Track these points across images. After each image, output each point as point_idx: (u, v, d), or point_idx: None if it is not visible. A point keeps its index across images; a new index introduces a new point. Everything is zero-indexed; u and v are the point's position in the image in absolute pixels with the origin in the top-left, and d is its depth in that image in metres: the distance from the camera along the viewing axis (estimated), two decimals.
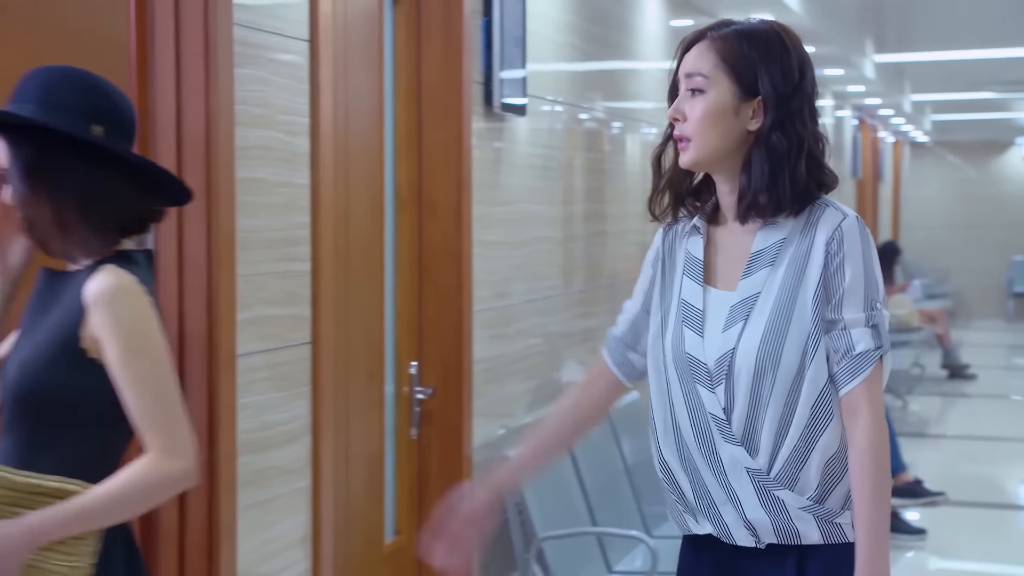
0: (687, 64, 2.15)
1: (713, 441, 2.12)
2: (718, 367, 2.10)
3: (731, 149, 2.13)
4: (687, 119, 2.13)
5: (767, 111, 2.11)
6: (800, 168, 2.11)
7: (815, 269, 2.09)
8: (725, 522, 2.14)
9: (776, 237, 2.12)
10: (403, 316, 3.70)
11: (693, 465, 2.16)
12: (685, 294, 2.18)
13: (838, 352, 2.09)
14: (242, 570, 2.69)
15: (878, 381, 2.10)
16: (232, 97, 2.60)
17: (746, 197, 2.12)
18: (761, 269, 2.12)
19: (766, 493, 2.10)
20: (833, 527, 2.12)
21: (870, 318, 2.09)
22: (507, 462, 2.39)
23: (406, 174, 3.70)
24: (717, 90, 2.11)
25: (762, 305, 2.10)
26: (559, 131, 4.68)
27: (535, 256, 4.43)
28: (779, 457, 2.09)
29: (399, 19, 3.65)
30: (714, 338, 2.12)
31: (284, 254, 2.87)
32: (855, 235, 2.10)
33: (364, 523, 3.40)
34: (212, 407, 2.57)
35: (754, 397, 2.09)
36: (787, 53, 2.13)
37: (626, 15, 5.52)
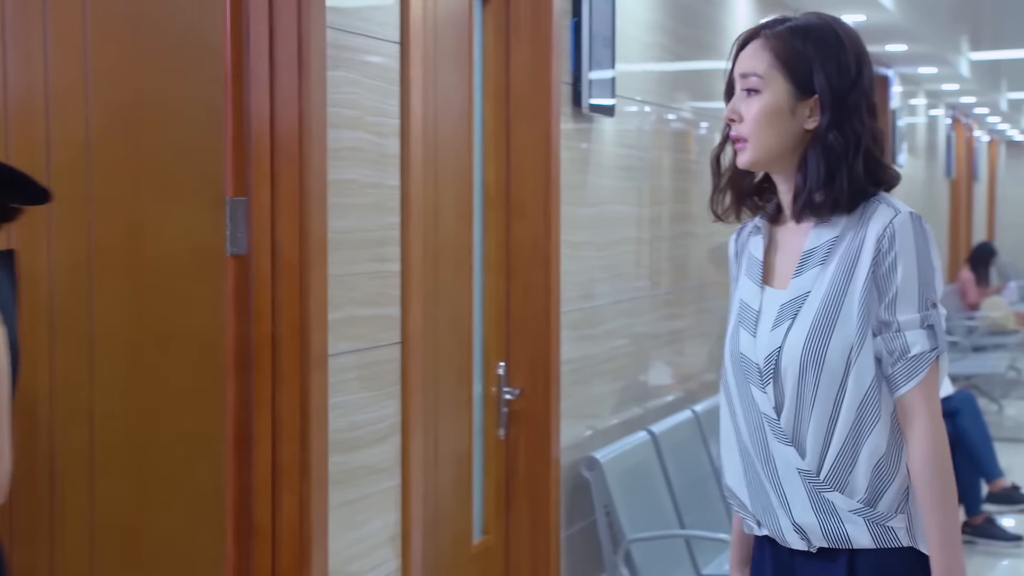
0: (742, 64, 2.13)
1: (767, 442, 2.11)
2: (767, 366, 2.10)
3: (788, 149, 2.11)
4: (743, 119, 2.12)
5: (823, 109, 2.08)
6: (858, 166, 2.08)
7: (864, 267, 2.05)
8: (780, 525, 2.13)
9: (828, 235, 2.09)
10: (491, 316, 3.70)
11: (752, 467, 2.15)
12: (744, 295, 2.18)
13: (893, 354, 2.06)
14: (333, 568, 2.71)
15: (934, 383, 2.07)
16: (324, 99, 2.62)
17: (802, 196, 2.10)
18: (812, 268, 2.10)
19: (816, 495, 2.08)
20: (885, 531, 2.08)
21: (925, 319, 2.05)
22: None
23: (494, 175, 3.71)
24: (772, 90, 2.09)
25: (810, 304, 2.08)
26: (647, 132, 4.66)
27: (622, 257, 4.41)
28: (827, 458, 2.07)
29: (488, 20, 3.66)
30: (764, 337, 2.11)
31: (374, 255, 2.89)
32: (908, 232, 2.05)
33: (452, 523, 3.42)
34: (304, 407, 2.59)
35: (799, 396, 2.07)
36: (843, 48, 2.10)
37: (715, 14, 5.48)
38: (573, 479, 3.97)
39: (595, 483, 3.94)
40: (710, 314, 5.41)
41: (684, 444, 4.64)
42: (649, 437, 4.37)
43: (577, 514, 4.02)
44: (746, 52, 2.14)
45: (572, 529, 3.99)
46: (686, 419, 4.77)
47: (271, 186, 2.58)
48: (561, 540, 3.88)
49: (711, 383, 5.39)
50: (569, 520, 3.97)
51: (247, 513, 2.60)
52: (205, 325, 2.48)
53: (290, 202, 2.57)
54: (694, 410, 4.87)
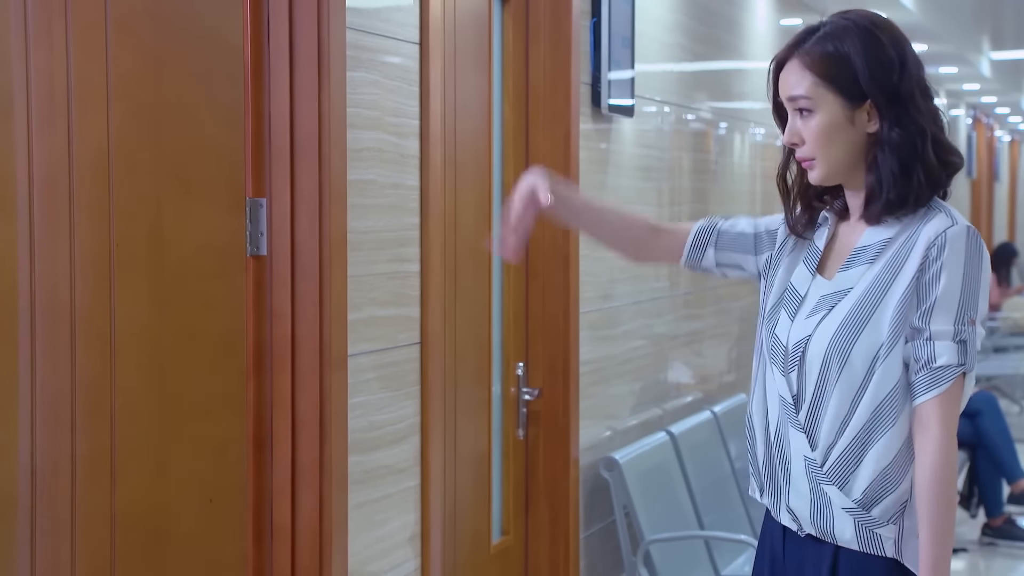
0: (785, 88, 2.12)
1: (787, 423, 2.14)
2: (794, 352, 2.12)
3: (857, 156, 2.11)
4: (804, 141, 2.11)
5: (880, 111, 2.07)
6: (928, 156, 2.07)
7: (909, 273, 2.05)
8: (779, 500, 2.17)
9: (882, 236, 2.09)
10: (510, 317, 3.70)
11: (769, 441, 2.18)
12: (795, 279, 2.19)
13: (918, 362, 2.04)
14: (353, 568, 2.72)
15: (955, 399, 2.04)
16: (344, 100, 2.63)
17: (879, 198, 2.08)
18: (860, 265, 2.10)
19: (815, 485, 2.10)
20: (872, 536, 2.07)
21: (959, 333, 2.03)
22: (570, 186, 2.32)
23: (513, 175, 3.70)
24: (824, 108, 2.08)
25: (848, 299, 2.08)
26: (666, 132, 4.65)
27: None
28: (832, 452, 2.08)
29: (507, 20, 3.66)
30: (799, 324, 2.13)
31: (394, 255, 2.90)
32: (960, 244, 2.03)
33: (471, 523, 3.42)
34: (323, 407, 2.60)
35: (819, 388, 2.08)
36: (879, 43, 2.07)
37: (735, 14, 5.46)
38: (592, 480, 3.96)
39: (614, 484, 3.93)
40: (729, 315, 5.40)
41: (703, 445, 4.63)
42: (668, 438, 4.36)
43: (596, 515, 4.02)
44: (785, 76, 2.12)
45: (591, 530, 3.99)
46: (705, 420, 4.76)
47: (291, 187, 2.59)
48: (580, 541, 3.88)
49: (730, 384, 5.37)
50: (588, 521, 3.96)
51: (267, 513, 2.61)
52: (225, 325, 2.49)
53: (310, 203, 2.58)
54: (713, 411, 4.86)
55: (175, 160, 2.32)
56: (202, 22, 2.38)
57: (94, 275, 2.16)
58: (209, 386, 2.43)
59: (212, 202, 2.42)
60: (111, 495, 2.20)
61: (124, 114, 2.19)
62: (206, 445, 2.42)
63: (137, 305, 2.24)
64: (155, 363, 2.28)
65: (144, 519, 2.27)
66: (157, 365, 2.29)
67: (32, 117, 2.05)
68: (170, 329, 2.31)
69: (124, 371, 2.21)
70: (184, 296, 2.34)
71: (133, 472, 2.24)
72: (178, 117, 2.33)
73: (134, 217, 2.23)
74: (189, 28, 2.35)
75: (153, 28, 2.27)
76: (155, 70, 2.27)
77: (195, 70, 2.16)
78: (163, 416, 2.30)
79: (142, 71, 2.24)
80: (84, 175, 2.14)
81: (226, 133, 2.46)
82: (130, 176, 2.22)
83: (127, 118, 2.21)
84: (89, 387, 2.14)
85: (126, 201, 2.21)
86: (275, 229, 2.59)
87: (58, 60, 2.08)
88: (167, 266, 2.27)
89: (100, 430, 2.17)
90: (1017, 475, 6.26)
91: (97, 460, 2.17)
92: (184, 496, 2.37)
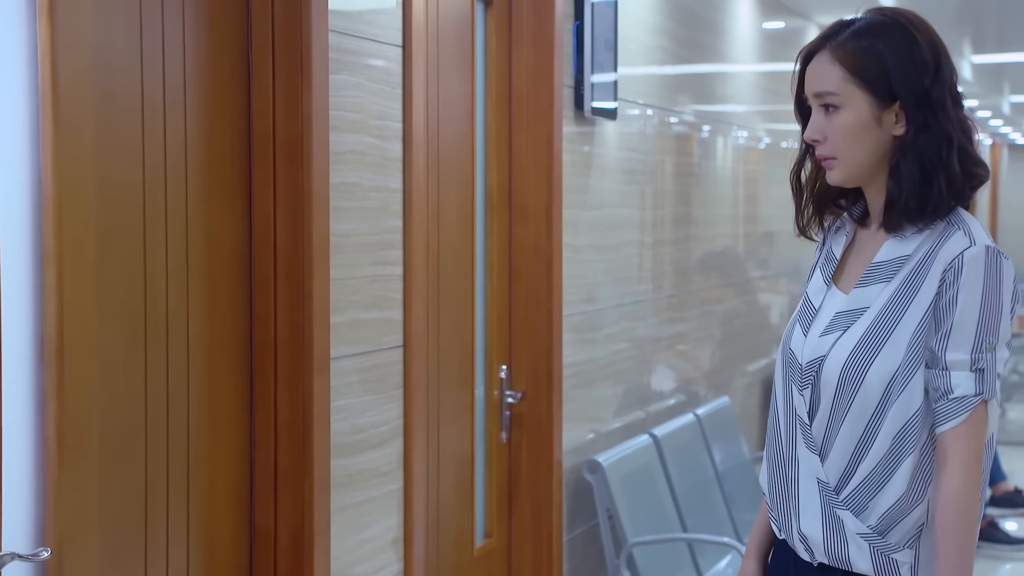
0: (813, 83, 2.03)
1: (795, 444, 2.07)
2: (808, 370, 2.05)
3: (879, 159, 2.03)
4: (827, 139, 2.03)
5: (908, 113, 1.99)
6: (953, 165, 1.99)
7: (927, 295, 1.97)
8: (792, 529, 2.09)
9: (900, 252, 2.01)
10: (493, 320, 3.70)
11: (779, 466, 2.11)
12: (811, 289, 2.13)
13: (937, 391, 1.98)
14: (335, 571, 2.71)
15: (978, 427, 1.96)
16: (327, 103, 2.62)
17: (898, 204, 2.00)
18: (876, 282, 2.02)
19: (829, 509, 2.03)
20: (888, 562, 2.01)
21: (976, 361, 1.95)
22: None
23: (496, 178, 3.71)
24: (852, 105, 2.00)
25: (864, 319, 2.01)
26: (649, 135, 4.66)
27: (624, 260, 4.41)
28: (853, 479, 2.01)
29: (490, 23, 3.66)
30: (813, 340, 2.06)
31: (376, 258, 2.89)
32: (978, 266, 1.95)
33: (454, 526, 3.42)
34: (306, 410, 2.59)
35: (833, 409, 2.02)
36: (915, 44, 1.99)
37: (718, 18, 5.48)
38: (575, 482, 3.97)
39: (597, 486, 3.94)
40: (712, 318, 5.41)
41: (686, 447, 4.63)
42: (651, 440, 4.37)
43: (579, 518, 4.02)
44: (814, 68, 2.03)
45: (574, 533, 3.99)
46: (688, 422, 4.77)
47: (273, 189, 2.58)
48: (563, 544, 3.88)
49: (713, 386, 5.39)
50: (571, 524, 3.96)
51: (249, 516, 2.60)
52: (210, 327, 2.48)
53: (292, 205, 2.58)
54: (696, 414, 4.87)
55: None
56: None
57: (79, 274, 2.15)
58: (194, 387, 2.42)
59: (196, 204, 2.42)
60: (98, 497, 2.19)
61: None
62: (189, 448, 2.41)
63: (124, 306, 2.24)
64: (144, 363, 2.28)
65: (129, 521, 2.27)
66: (145, 365, 2.28)
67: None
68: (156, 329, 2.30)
69: (108, 371, 2.20)
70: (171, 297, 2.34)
71: (119, 472, 2.23)
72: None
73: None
74: None
75: None
76: (135, 70, 2.26)
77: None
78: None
79: (125, 72, 2.23)
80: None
81: (208, 134, 2.45)
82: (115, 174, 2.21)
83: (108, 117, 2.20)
84: (74, 388, 2.13)
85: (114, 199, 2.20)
86: (257, 232, 2.59)
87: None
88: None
89: (87, 429, 2.16)
90: (999, 478, 6.30)
91: (85, 461, 2.16)
92: (167, 497, 2.36)
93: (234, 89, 2.55)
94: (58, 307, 2.08)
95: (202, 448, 2.46)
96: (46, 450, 2.08)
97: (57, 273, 2.08)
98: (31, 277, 2.07)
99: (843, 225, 2.15)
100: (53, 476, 2.08)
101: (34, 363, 2.07)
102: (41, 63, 2.06)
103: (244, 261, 2.58)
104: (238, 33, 2.56)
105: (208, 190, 2.47)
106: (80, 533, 2.15)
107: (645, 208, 4.61)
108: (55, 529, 2.09)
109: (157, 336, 2.33)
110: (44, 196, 2.07)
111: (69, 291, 2.11)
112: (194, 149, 2.43)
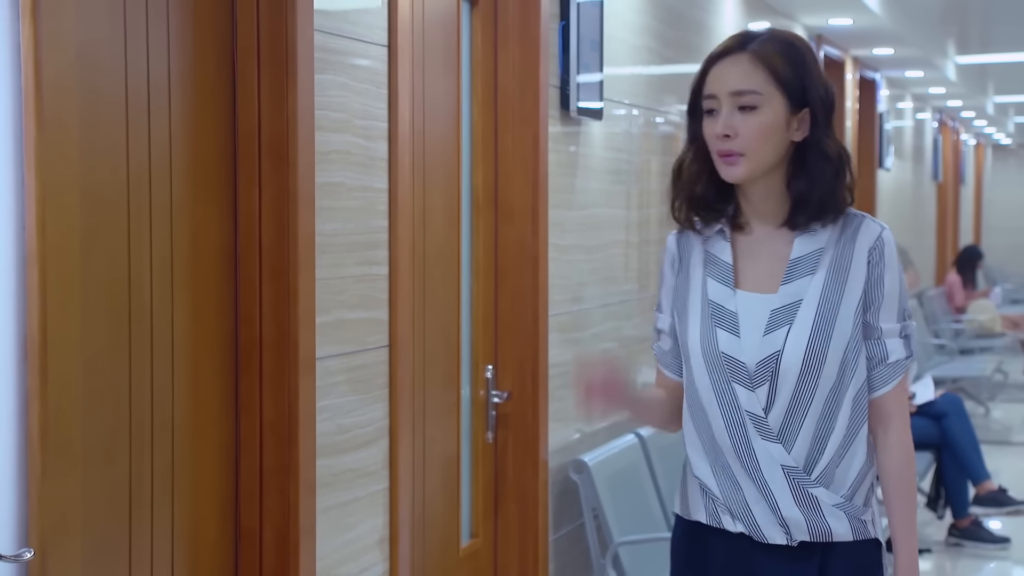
0: (730, 82, 2.15)
1: (748, 438, 2.16)
2: (761, 369, 2.15)
3: (779, 161, 2.17)
4: (738, 135, 2.14)
5: (816, 121, 2.16)
6: (850, 171, 2.20)
7: (858, 277, 2.16)
8: (756, 521, 2.18)
9: (814, 246, 2.17)
10: (479, 320, 3.70)
11: (724, 463, 2.19)
12: (714, 295, 2.20)
13: (873, 359, 2.20)
14: (321, 571, 2.71)
15: (905, 387, 2.24)
16: (312, 102, 2.62)
17: (811, 203, 2.16)
18: (801, 276, 2.16)
19: (801, 490, 2.16)
20: (860, 523, 2.20)
21: (903, 328, 2.21)
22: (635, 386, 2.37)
23: (482, 178, 3.71)
24: (772, 106, 2.14)
25: (805, 310, 2.15)
26: (635, 135, 4.67)
27: (610, 260, 4.42)
28: (823, 457, 2.16)
29: (476, 23, 3.66)
30: (754, 340, 2.15)
31: (362, 258, 2.89)
32: (893, 246, 2.20)
33: (440, 526, 3.41)
34: (291, 410, 2.59)
35: (796, 398, 2.15)
36: (816, 64, 2.20)
37: (703, 17, 5.49)
38: (561, 482, 3.97)
39: (583, 486, 3.94)
40: None
41: (672, 447, 4.63)
42: (637, 440, 4.37)
43: (565, 517, 4.02)
44: (730, 69, 2.16)
45: (560, 532, 4.00)
46: None
47: (259, 189, 2.58)
48: (549, 543, 3.88)
49: None
50: (557, 523, 3.97)
51: (234, 516, 2.60)
52: (195, 327, 2.48)
53: (278, 205, 2.57)
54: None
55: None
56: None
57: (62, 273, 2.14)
58: (179, 387, 2.42)
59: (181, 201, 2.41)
60: (82, 494, 2.18)
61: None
62: (175, 447, 2.41)
63: (108, 307, 2.23)
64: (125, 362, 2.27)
65: (112, 520, 2.26)
66: (127, 365, 2.28)
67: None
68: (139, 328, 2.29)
69: (94, 370, 2.19)
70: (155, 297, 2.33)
71: (100, 471, 2.23)
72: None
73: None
74: None
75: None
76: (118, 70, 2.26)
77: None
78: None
79: (108, 71, 2.23)
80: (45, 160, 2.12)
81: (193, 134, 2.44)
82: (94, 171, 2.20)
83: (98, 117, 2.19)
84: (57, 386, 2.12)
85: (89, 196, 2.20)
86: (243, 231, 2.59)
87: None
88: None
89: (68, 428, 2.15)
90: (982, 477, 6.32)
91: (66, 460, 2.15)
92: (152, 497, 2.36)
93: (219, 88, 2.55)
94: (41, 307, 2.07)
95: (187, 448, 2.46)
96: (29, 450, 2.08)
97: (40, 273, 2.07)
98: (14, 277, 2.06)
99: (719, 235, 2.23)
100: (36, 477, 2.07)
101: (17, 363, 2.06)
102: (24, 62, 2.05)
103: (229, 261, 2.58)
104: (223, 32, 2.55)
105: (193, 190, 2.47)
106: (64, 534, 2.14)
107: (631, 208, 4.61)
108: (38, 530, 2.08)
109: (142, 336, 2.33)
110: (27, 196, 2.06)
111: (53, 291, 2.10)
112: (179, 149, 2.42)
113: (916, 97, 11.92)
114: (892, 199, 10.55)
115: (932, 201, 13.45)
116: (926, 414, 6.14)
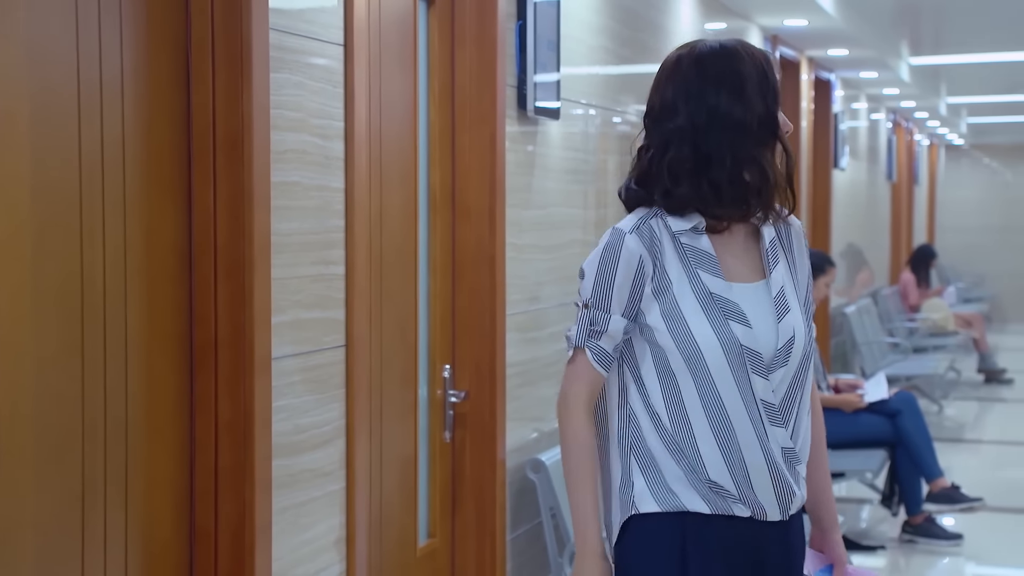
0: None
1: (765, 424, 2.23)
2: (779, 355, 2.23)
3: None
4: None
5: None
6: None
7: (804, 263, 2.35)
8: (760, 502, 2.23)
9: (771, 234, 2.30)
10: (436, 319, 3.70)
11: (747, 451, 2.22)
12: (714, 288, 2.22)
13: None
14: (277, 572, 2.70)
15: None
16: (267, 101, 2.61)
17: (773, 193, 2.28)
18: (776, 264, 2.29)
19: (793, 468, 2.27)
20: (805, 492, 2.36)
21: (810, 309, 2.39)
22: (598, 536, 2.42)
23: (440, 177, 3.71)
24: None
25: (791, 296, 2.29)
26: (592, 135, 4.68)
27: (568, 260, 4.42)
28: (800, 435, 2.28)
29: (433, 23, 3.66)
30: (768, 330, 2.22)
31: (319, 257, 2.88)
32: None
33: (398, 526, 3.41)
34: (247, 410, 2.58)
35: (795, 382, 2.26)
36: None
37: (660, 18, 5.51)
38: (519, 482, 3.97)
39: (541, 485, 3.94)
40: None
41: None
42: None
43: (523, 517, 4.03)
44: None
45: (518, 532, 4.00)
46: None
47: (213, 188, 2.56)
48: (507, 543, 3.89)
49: None
50: (515, 523, 3.97)
51: (190, 516, 2.58)
52: (149, 326, 2.46)
53: (233, 204, 2.56)
54: None
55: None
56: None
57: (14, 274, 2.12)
58: (133, 387, 2.40)
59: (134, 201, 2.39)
60: (36, 493, 2.16)
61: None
62: (127, 446, 2.39)
63: (61, 306, 2.21)
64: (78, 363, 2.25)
65: (62, 519, 2.24)
66: (80, 365, 2.25)
67: None
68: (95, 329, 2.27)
69: (47, 371, 2.17)
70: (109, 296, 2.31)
71: (51, 472, 2.20)
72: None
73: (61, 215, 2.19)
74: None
75: None
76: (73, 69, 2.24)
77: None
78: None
79: (64, 71, 2.20)
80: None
81: (146, 132, 2.42)
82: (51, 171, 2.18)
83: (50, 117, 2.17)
84: (7, 388, 2.10)
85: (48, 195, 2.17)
86: (197, 230, 2.57)
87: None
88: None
89: (22, 429, 2.13)
90: (936, 474, 6.37)
91: (18, 458, 2.13)
92: (104, 497, 2.33)
93: (173, 85, 2.53)
94: None
95: (141, 448, 2.44)
96: None
97: None
98: None
99: (695, 231, 2.23)
100: None
101: None
102: None
103: (184, 259, 2.56)
104: (177, 29, 2.53)
105: (147, 187, 2.45)
106: (15, 535, 2.12)
107: (588, 207, 4.62)
108: None
109: (95, 335, 2.31)
110: None
111: (3, 290, 2.08)
112: (132, 145, 2.40)
113: (870, 98, 12.02)
114: (847, 199, 10.63)
115: (887, 201, 13.57)
116: (880, 412, 6.20)
